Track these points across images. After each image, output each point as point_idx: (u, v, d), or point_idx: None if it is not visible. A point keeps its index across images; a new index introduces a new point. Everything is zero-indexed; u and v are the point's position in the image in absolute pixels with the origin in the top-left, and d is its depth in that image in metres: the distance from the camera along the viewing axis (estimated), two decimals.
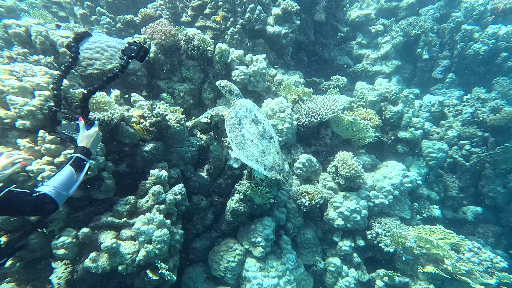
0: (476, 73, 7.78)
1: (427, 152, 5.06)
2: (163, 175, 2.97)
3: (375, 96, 4.82)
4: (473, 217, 5.56)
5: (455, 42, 7.93)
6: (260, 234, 3.66)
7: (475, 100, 6.58)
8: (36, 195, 1.64)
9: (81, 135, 2.17)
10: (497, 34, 7.54)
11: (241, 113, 3.24)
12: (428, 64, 7.83)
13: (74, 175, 1.92)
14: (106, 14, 5.48)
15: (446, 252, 3.25)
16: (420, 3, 8.71)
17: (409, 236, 3.50)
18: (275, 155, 3.16)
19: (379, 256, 4.06)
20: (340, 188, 4.02)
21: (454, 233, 3.56)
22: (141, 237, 2.73)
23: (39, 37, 2.95)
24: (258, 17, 4.98)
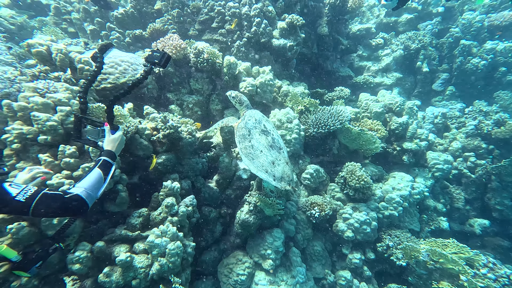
0: (475, 86, 7.93)
1: (432, 163, 5.09)
2: (175, 186, 2.96)
3: (380, 107, 4.88)
4: (480, 230, 5.52)
5: (454, 56, 8.11)
6: (269, 246, 3.62)
7: (477, 112, 6.68)
8: (69, 196, 1.71)
9: (107, 139, 2.24)
10: (495, 49, 7.73)
11: (251, 124, 3.26)
12: (428, 76, 7.99)
13: (102, 178, 1.98)
14: (115, 29, 5.58)
15: (462, 267, 3.20)
16: (418, 18, 8.97)
17: (422, 249, 3.47)
18: (285, 165, 3.17)
19: (389, 269, 4.01)
20: (348, 199, 4.01)
21: (468, 248, 3.53)
22: (155, 250, 2.70)
23: (59, 55, 3.05)
24: (264, 30, 5.09)
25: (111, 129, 2.31)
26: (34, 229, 2.26)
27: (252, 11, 5.02)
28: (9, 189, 1.58)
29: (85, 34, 6.05)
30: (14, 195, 1.56)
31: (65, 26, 6.31)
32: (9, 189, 1.58)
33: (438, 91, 8.07)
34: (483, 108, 6.74)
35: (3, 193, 1.54)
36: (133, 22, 5.80)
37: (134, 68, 3.55)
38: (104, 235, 2.78)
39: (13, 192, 1.57)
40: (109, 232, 2.82)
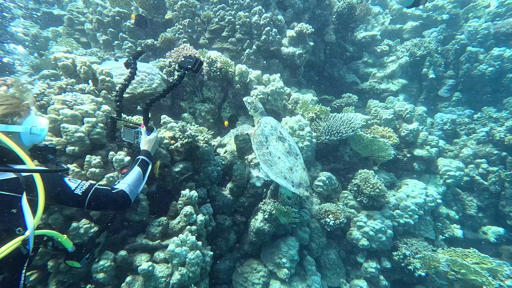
0: (483, 92, 7.92)
1: (444, 170, 5.06)
2: (193, 195, 2.97)
3: (390, 114, 4.89)
4: (495, 238, 5.44)
5: (460, 62, 8.13)
6: (284, 255, 3.60)
7: (486, 119, 6.67)
8: (116, 192, 1.85)
9: (143, 140, 2.39)
10: (503, 56, 7.74)
11: (267, 131, 3.28)
12: (434, 83, 8.00)
13: (141, 175, 2.11)
14: (128, 39, 5.67)
15: (486, 279, 3.15)
16: (423, 26, 9.05)
17: (442, 259, 3.42)
18: (302, 171, 3.18)
19: (406, 279, 3.96)
20: (362, 207, 4.00)
21: (491, 258, 3.48)
22: (175, 259, 2.69)
23: (83, 67, 3.12)
24: (274, 38, 5.15)
25: (146, 130, 2.44)
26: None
27: (262, 20, 5.09)
28: (69, 183, 1.70)
29: (97, 44, 6.15)
30: (73, 188, 1.68)
31: (78, 36, 6.42)
32: (69, 183, 1.70)
33: (444, 97, 8.08)
34: (492, 114, 6.73)
35: (64, 186, 1.67)
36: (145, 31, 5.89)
37: (151, 78, 3.60)
38: (125, 244, 2.79)
39: (72, 186, 1.69)
40: (130, 241, 2.83)
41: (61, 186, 1.66)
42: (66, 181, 1.69)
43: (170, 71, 4.06)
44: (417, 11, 9.32)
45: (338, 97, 5.90)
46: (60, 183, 1.66)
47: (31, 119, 1.69)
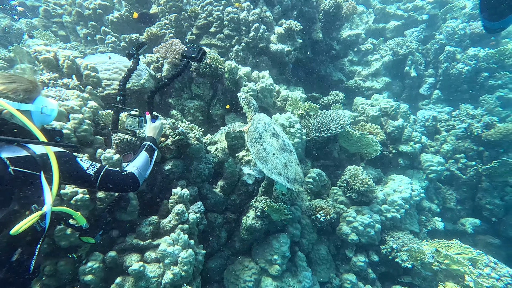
0: (460, 90, 8.26)
1: (427, 165, 5.25)
2: (185, 193, 2.92)
3: (376, 111, 5.01)
4: (472, 229, 5.71)
5: (439, 61, 8.43)
6: (276, 252, 3.61)
7: (464, 116, 6.96)
8: (126, 173, 1.90)
9: (149, 127, 2.41)
10: (478, 55, 8.09)
11: (261, 128, 3.27)
12: (416, 81, 8.26)
13: (149, 160, 2.14)
14: (111, 33, 5.47)
15: (468, 268, 3.29)
16: (405, 25, 9.31)
17: (427, 251, 3.55)
18: (296, 167, 3.20)
19: (393, 271, 4.08)
20: (351, 202, 4.07)
21: (472, 248, 3.64)
22: (167, 259, 2.64)
23: (67, 61, 2.97)
24: (262, 35, 5.13)
25: (151, 118, 2.47)
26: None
27: (251, 16, 5.06)
28: (81, 163, 1.73)
29: (78, 37, 5.90)
30: (86, 168, 1.72)
31: (55, 29, 6.12)
32: (81, 163, 1.73)
33: (425, 95, 8.36)
34: (470, 111, 7.03)
35: (77, 166, 1.70)
36: (129, 26, 5.71)
37: (138, 74, 3.49)
38: (114, 244, 2.70)
39: (84, 166, 1.72)
40: (119, 242, 2.75)
41: (74, 165, 1.68)
42: (78, 161, 1.72)
43: (158, 67, 3.95)
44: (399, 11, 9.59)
45: (325, 94, 5.97)
46: (73, 162, 1.68)
47: (41, 99, 1.66)
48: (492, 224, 5.89)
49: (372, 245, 4.01)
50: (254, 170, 3.71)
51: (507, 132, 5.60)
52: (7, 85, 1.48)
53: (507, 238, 5.80)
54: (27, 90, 1.56)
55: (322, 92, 6.46)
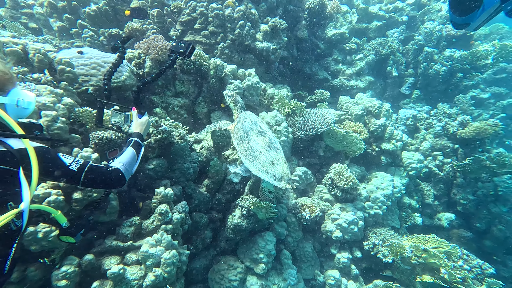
0: (438, 90, 8.57)
1: (407, 162, 5.40)
2: (169, 193, 2.84)
3: (360, 110, 5.09)
4: (447, 224, 5.95)
5: (419, 62, 8.69)
6: (262, 250, 3.60)
7: (441, 114, 7.23)
8: (111, 169, 1.83)
9: (135, 123, 2.35)
10: (453, 56, 8.40)
11: (247, 126, 3.24)
12: (397, 80, 8.48)
13: (135, 156, 2.09)
14: (88, 27, 5.24)
15: (443, 261, 3.42)
16: (387, 26, 9.51)
17: (407, 246, 3.65)
18: (283, 165, 3.20)
19: (374, 266, 4.18)
20: (336, 200, 4.12)
21: (447, 242, 3.78)
22: (149, 260, 2.57)
23: (38, 55, 2.78)
24: (248, 33, 5.08)
25: (138, 113, 2.41)
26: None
27: (236, 13, 4.99)
28: (63, 158, 1.65)
29: (51, 30, 5.60)
30: (68, 164, 1.65)
31: (25, 20, 5.78)
32: (63, 158, 1.65)
33: (405, 94, 8.60)
34: (446, 110, 7.31)
35: (59, 161, 1.62)
36: (107, 20, 5.49)
37: (119, 70, 3.35)
38: (92, 247, 2.59)
39: (67, 161, 1.65)
40: (97, 244, 2.64)
41: (56, 161, 1.61)
42: (60, 157, 1.64)
43: (140, 63, 3.82)
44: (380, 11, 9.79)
45: (311, 93, 6.00)
46: (54, 158, 1.61)
47: (17, 92, 1.57)
48: (465, 218, 6.17)
49: (355, 241, 4.08)
50: (240, 168, 3.68)
51: (479, 130, 5.85)
52: None
53: (477, 231, 6.09)
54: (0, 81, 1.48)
55: (307, 91, 6.50)
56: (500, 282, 3.56)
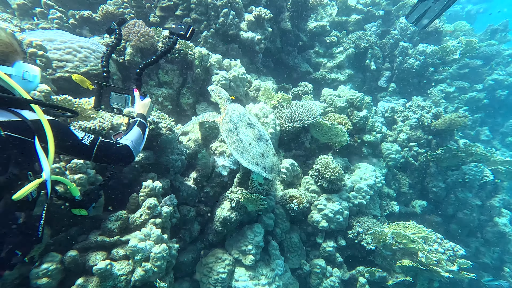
0: (411, 83, 8.93)
1: (387, 153, 5.60)
2: (157, 186, 2.74)
3: (344, 102, 5.18)
4: (420, 210, 6.30)
5: (395, 56, 8.98)
6: (250, 242, 3.61)
7: (416, 107, 7.55)
8: (120, 145, 1.86)
9: (137, 104, 2.35)
10: (426, 51, 8.76)
11: (236, 118, 3.18)
12: (375, 74, 8.72)
13: (141, 135, 2.10)
14: (54, 7, 4.83)
15: (421, 246, 3.62)
16: (365, 20, 9.69)
17: (388, 233, 3.82)
18: (273, 157, 3.18)
19: (357, 253, 4.34)
20: (322, 190, 4.20)
21: (424, 227, 3.99)
22: (138, 255, 2.48)
23: None
24: (232, 22, 4.96)
25: (140, 95, 2.41)
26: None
27: (219, 1, 4.84)
28: (76, 132, 1.65)
29: (8, 8, 5.07)
30: (81, 138, 1.65)
31: None
32: (76, 132, 1.65)
33: (382, 88, 8.88)
34: (420, 103, 7.64)
35: (72, 135, 1.63)
36: (77, 1, 5.10)
37: (97, 56, 3.13)
38: (75, 243, 2.45)
39: (79, 135, 1.66)
40: (80, 240, 2.50)
41: (69, 134, 1.62)
42: (72, 130, 1.65)
43: (120, 50, 3.60)
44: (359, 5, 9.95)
45: (294, 85, 6.01)
46: (67, 131, 1.62)
47: (22, 64, 1.52)
48: (436, 204, 6.57)
49: (340, 230, 4.19)
50: (229, 161, 3.62)
51: (451, 121, 6.20)
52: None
53: (446, 216, 6.53)
54: (5, 52, 1.42)
55: (290, 83, 6.50)
56: (470, 261, 3.83)
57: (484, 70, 10.73)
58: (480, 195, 6.83)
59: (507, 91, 10.30)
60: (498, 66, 10.95)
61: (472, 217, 6.46)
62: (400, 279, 3.80)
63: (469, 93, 10.00)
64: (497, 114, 10.81)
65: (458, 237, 6.42)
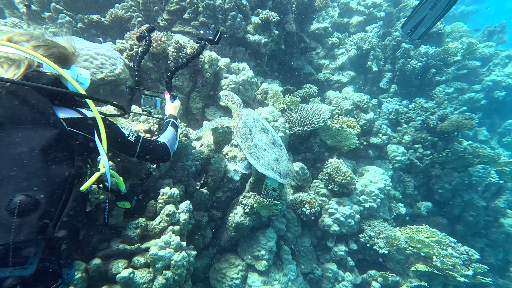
0: (413, 85, 8.97)
1: (393, 155, 5.63)
2: (175, 193, 2.73)
3: (350, 105, 5.20)
4: (426, 212, 6.33)
5: (396, 57, 9.01)
6: (263, 247, 3.61)
7: (419, 108, 7.59)
8: (160, 143, 1.96)
9: (169, 106, 2.49)
10: (428, 53, 8.81)
11: (250, 123, 3.18)
12: (377, 75, 8.75)
13: (175, 135, 2.19)
14: (63, 11, 4.81)
15: (436, 250, 3.63)
16: (366, 21, 9.73)
17: (402, 237, 3.82)
18: (287, 162, 3.18)
19: (368, 257, 4.34)
20: (332, 194, 4.20)
21: (438, 231, 4.01)
22: (159, 263, 2.46)
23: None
24: (240, 25, 4.95)
25: (170, 97, 2.54)
26: None
27: (227, 4, 4.82)
28: (122, 129, 1.74)
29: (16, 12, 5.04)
30: (127, 135, 1.75)
31: None
32: (122, 129, 1.74)
33: (384, 89, 8.92)
34: (423, 104, 7.68)
35: (120, 132, 1.72)
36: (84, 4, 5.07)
37: (112, 62, 3.12)
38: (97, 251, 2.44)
39: (125, 132, 1.75)
40: (102, 248, 2.49)
41: (118, 131, 1.71)
42: (120, 127, 1.73)
43: (132, 55, 3.58)
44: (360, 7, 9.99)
45: (298, 87, 6.01)
46: (116, 128, 1.70)
47: (75, 67, 1.62)
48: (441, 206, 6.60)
49: (351, 234, 4.20)
50: (241, 165, 3.62)
51: (458, 123, 6.24)
52: (46, 50, 1.42)
53: (452, 217, 6.56)
54: (65, 55, 1.53)
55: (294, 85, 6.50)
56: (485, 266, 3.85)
57: (482, 71, 10.83)
58: (485, 196, 6.88)
59: (505, 92, 10.39)
60: (496, 67, 11.06)
61: (477, 218, 6.50)
62: (414, 284, 3.80)
63: (468, 94, 10.09)
64: (494, 114, 10.90)
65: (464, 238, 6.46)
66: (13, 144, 1.11)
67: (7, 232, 0.98)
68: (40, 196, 1.08)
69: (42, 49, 1.39)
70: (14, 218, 1.00)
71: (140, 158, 1.86)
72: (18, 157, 1.10)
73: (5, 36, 1.34)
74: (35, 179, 1.11)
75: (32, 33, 1.43)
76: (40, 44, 1.40)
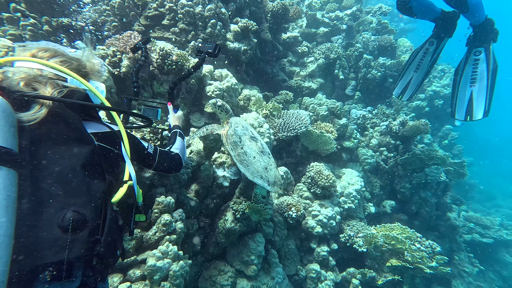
0: (374, 92, 9.70)
1: (363, 158, 6.04)
2: (171, 202, 2.69)
3: (325, 111, 5.49)
4: (390, 210, 6.87)
5: (359, 67, 9.68)
6: (253, 252, 3.65)
7: (381, 114, 8.23)
8: (173, 154, 1.99)
9: (173, 117, 2.50)
10: (385, 64, 9.60)
11: (240, 131, 3.23)
12: (343, 83, 9.32)
13: (184, 145, 2.20)
14: (26, 13, 4.45)
15: (408, 246, 3.98)
16: (331, 32, 10.35)
17: (378, 235, 4.12)
18: (275, 170, 3.28)
19: (347, 256, 4.60)
20: (315, 197, 4.40)
21: (408, 228, 4.38)
22: (157, 274, 2.41)
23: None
24: (220, 32, 5.00)
25: (173, 108, 2.55)
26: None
27: (207, 12, 4.85)
28: (142, 141, 1.78)
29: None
30: (146, 147, 1.78)
31: None
32: (142, 141, 1.78)
33: (349, 96, 9.52)
34: (385, 111, 8.35)
35: (140, 144, 1.75)
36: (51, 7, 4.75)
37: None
38: None
39: (145, 144, 1.79)
40: None
41: (139, 144, 1.75)
42: (139, 140, 1.76)
43: (115, 62, 3.45)
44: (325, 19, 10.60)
45: (275, 93, 6.19)
46: (137, 141, 1.74)
47: (94, 81, 1.61)
48: (403, 203, 7.21)
49: (333, 235, 4.42)
50: (229, 172, 3.65)
51: (416, 129, 6.90)
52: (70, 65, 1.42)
53: (411, 214, 7.21)
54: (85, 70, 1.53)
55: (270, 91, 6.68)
56: (446, 257, 4.30)
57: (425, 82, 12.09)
58: (436, 193, 7.64)
59: (443, 101, 11.68)
60: (435, 79, 12.46)
61: (431, 213, 7.19)
62: (389, 278, 4.12)
63: (415, 102, 11.17)
64: (435, 120, 12.20)
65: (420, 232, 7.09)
66: (56, 161, 1.12)
67: (62, 248, 0.98)
68: (88, 212, 1.10)
69: (67, 65, 1.40)
70: (68, 235, 1.00)
71: (157, 169, 1.89)
72: (62, 174, 1.10)
73: (29, 53, 1.33)
74: (81, 196, 1.12)
75: (53, 48, 1.42)
76: (64, 59, 1.40)
